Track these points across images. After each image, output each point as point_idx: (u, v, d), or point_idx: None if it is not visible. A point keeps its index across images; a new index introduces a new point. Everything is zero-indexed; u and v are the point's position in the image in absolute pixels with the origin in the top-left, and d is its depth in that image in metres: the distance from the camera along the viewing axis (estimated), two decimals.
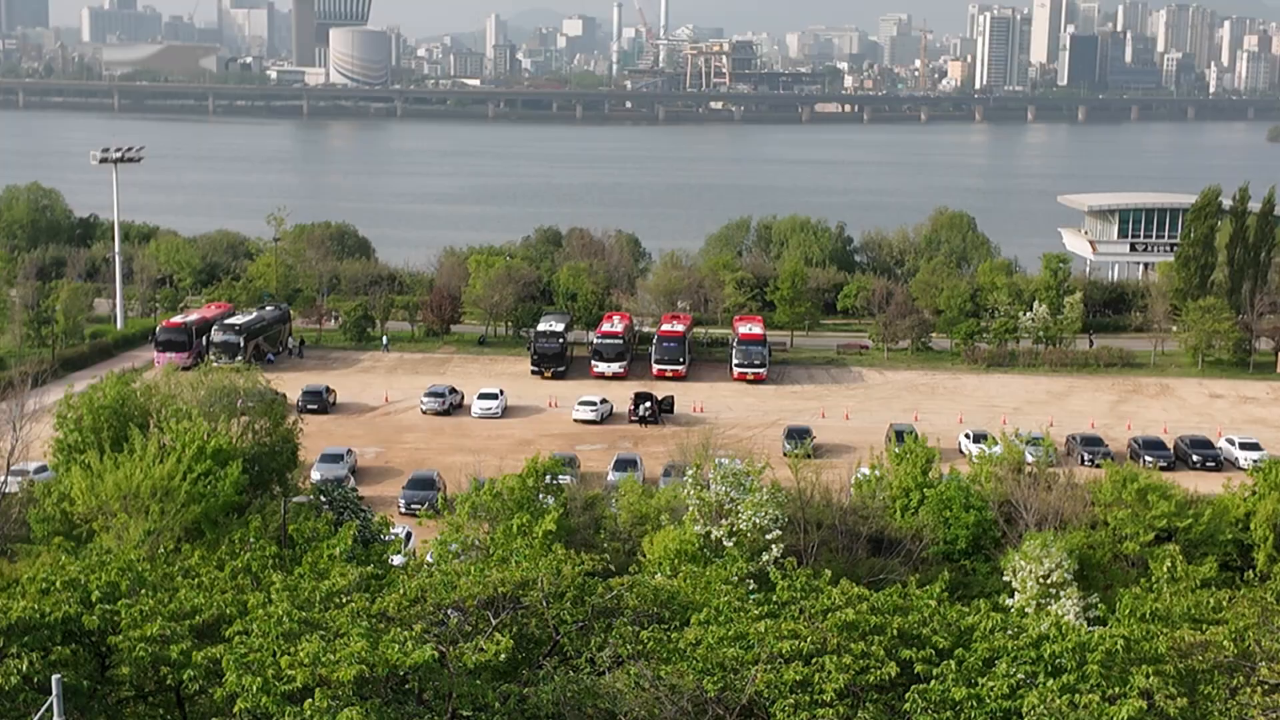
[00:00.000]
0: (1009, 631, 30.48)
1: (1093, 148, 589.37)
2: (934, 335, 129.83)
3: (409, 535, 65.74)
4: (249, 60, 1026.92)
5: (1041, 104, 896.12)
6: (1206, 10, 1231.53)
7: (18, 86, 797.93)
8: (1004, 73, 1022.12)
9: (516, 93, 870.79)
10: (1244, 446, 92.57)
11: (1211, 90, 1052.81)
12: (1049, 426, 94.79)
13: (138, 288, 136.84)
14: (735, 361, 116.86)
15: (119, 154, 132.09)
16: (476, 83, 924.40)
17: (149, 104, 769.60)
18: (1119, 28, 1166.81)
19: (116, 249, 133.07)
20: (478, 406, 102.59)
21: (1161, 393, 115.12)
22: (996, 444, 70.33)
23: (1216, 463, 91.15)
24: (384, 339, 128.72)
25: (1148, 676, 27.91)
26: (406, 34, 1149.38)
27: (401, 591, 31.16)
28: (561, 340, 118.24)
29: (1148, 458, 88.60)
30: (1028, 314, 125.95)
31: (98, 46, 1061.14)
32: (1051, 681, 27.89)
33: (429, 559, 48.35)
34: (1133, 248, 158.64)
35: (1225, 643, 30.83)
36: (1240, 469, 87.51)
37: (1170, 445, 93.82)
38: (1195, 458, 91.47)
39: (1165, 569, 43.02)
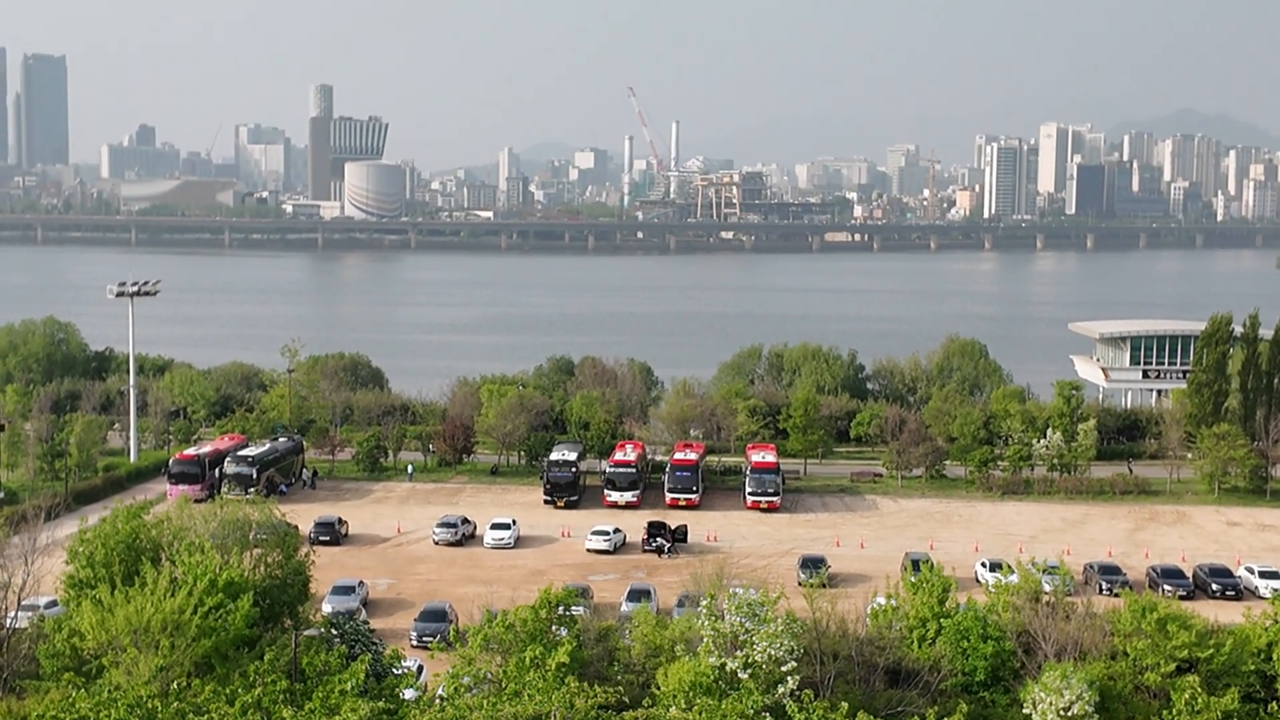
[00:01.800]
0: None
1: (1102, 275, 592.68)
2: (948, 463, 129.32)
3: (421, 668, 65.05)
4: (265, 194, 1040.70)
5: (1050, 232, 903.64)
6: (1212, 140, 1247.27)
7: (36, 222, 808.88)
8: (1012, 202, 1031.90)
9: (529, 224, 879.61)
10: (1264, 575, 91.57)
11: (1219, 218, 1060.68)
12: (1065, 555, 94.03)
13: (151, 420, 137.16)
14: (749, 490, 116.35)
15: (135, 288, 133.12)
16: (489, 214, 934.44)
17: (166, 238, 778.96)
18: (1125, 157, 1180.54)
19: (131, 382, 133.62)
20: (490, 537, 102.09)
21: (1178, 520, 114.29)
22: (1013, 573, 69.76)
23: (1236, 591, 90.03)
24: (409, 467, 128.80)
25: None
26: (421, 167, 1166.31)
27: None
28: (574, 469, 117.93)
29: (1166, 587, 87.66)
30: (1041, 441, 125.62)
31: (116, 182, 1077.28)
32: None
33: (441, 693, 47.83)
34: (1145, 374, 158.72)
35: None
36: (1261, 598, 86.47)
37: (1189, 574, 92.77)
38: (1215, 586, 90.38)
39: (1186, 701, 42.46)
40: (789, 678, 52.90)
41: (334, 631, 59.96)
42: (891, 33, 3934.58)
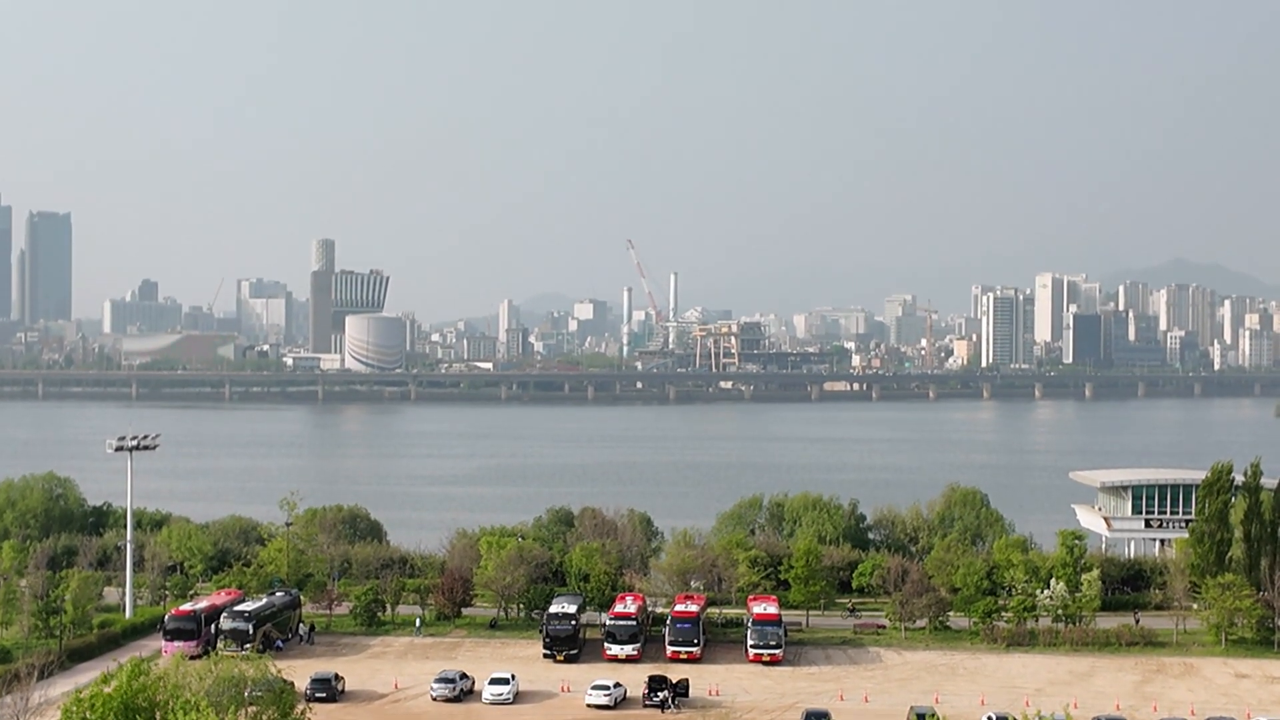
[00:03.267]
0: None
1: (1102, 424, 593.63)
2: (951, 614, 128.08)
3: None
4: (266, 348, 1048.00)
5: (1048, 381, 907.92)
6: (1207, 290, 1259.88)
7: (37, 377, 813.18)
8: (1009, 351, 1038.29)
9: (529, 375, 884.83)
10: None
11: (1216, 366, 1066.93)
12: (1073, 708, 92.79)
13: (148, 575, 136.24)
14: (750, 642, 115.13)
15: (135, 442, 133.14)
16: (489, 366, 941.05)
17: (166, 392, 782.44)
18: (1121, 307, 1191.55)
19: (129, 537, 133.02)
20: (489, 692, 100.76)
21: (1186, 672, 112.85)
22: None
23: None
24: (417, 620, 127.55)
25: None
26: (421, 319, 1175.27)
27: None
28: (574, 622, 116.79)
29: None
30: (1045, 592, 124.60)
31: (118, 337, 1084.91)
32: None
33: None
34: (1148, 524, 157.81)
35: None
36: None
37: None
38: None
39: None
40: None
41: None
42: (887, 184, 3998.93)
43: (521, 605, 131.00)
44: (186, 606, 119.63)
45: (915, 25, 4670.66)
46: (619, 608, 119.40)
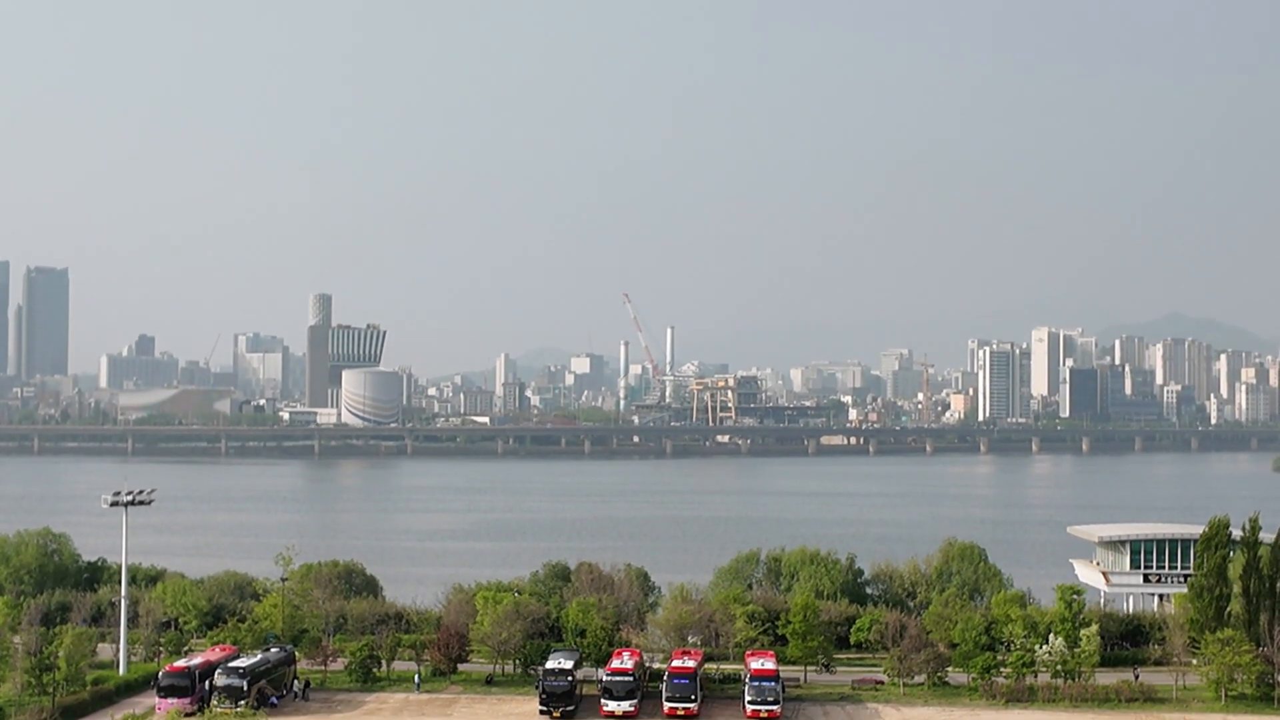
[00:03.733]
0: None
1: (1099, 478, 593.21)
2: (950, 669, 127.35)
3: None
4: (263, 402, 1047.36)
5: (1045, 435, 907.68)
6: (1202, 344, 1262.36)
7: (33, 433, 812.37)
8: (1006, 405, 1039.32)
9: (525, 429, 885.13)
10: None
11: (1213, 421, 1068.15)
12: None
13: (142, 631, 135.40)
14: (748, 698, 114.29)
15: (129, 497, 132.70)
16: (486, 420, 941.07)
17: (162, 447, 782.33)
18: (1117, 361, 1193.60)
19: (123, 593, 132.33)
20: None
21: None
22: None
23: None
24: (416, 677, 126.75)
25: None
26: (418, 373, 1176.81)
27: None
28: (570, 678, 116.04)
29: None
30: (1044, 647, 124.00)
31: (114, 392, 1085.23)
32: None
33: None
34: (1146, 579, 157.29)
35: None
36: None
37: None
38: None
39: None
40: None
41: None
42: (882, 239, 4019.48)
43: (518, 661, 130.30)
44: (181, 663, 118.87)
45: (909, 80, 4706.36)
46: (616, 663, 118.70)
